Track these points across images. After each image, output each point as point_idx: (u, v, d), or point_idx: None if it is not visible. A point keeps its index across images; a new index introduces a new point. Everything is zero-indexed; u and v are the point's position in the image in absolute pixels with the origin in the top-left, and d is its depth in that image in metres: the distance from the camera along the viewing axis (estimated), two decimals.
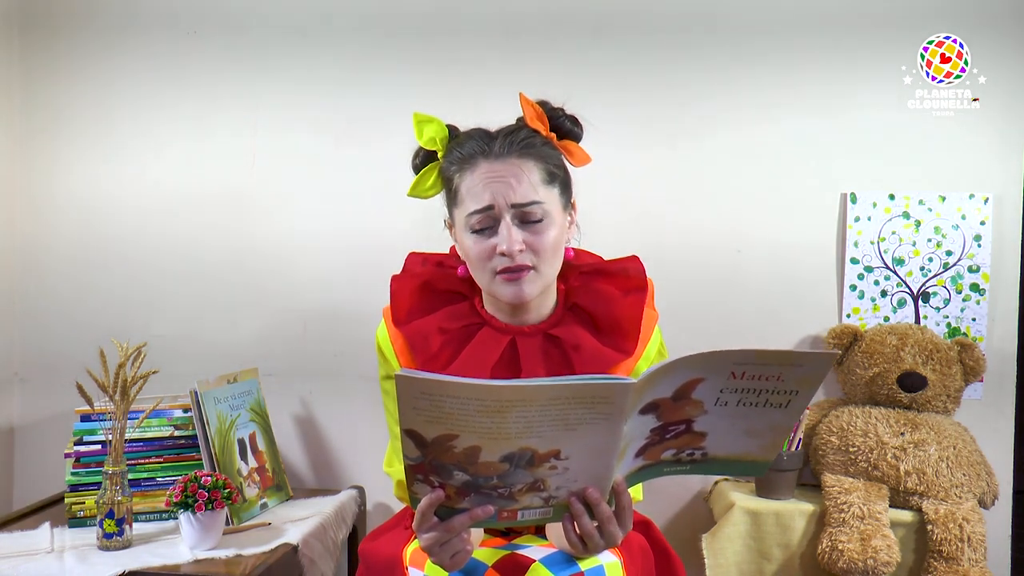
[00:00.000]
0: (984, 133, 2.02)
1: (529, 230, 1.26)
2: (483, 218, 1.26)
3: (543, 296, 1.34)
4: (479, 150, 1.28)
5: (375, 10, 2.13)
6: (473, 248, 1.28)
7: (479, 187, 1.26)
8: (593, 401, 0.96)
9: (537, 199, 1.26)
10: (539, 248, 1.27)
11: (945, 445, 1.82)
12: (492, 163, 1.27)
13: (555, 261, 1.30)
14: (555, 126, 1.35)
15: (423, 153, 1.38)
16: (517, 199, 1.25)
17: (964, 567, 1.70)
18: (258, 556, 1.61)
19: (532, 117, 1.33)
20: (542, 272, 1.28)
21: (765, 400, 1.04)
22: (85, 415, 1.81)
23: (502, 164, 1.27)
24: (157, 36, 2.18)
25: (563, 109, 1.37)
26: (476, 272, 1.30)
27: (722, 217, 2.08)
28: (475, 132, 1.33)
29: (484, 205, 1.26)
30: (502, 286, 1.27)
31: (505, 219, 1.25)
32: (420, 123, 1.36)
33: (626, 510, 1.11)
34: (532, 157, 1.28)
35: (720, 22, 2.07)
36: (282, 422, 2.16)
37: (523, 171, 1.27)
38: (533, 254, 1.27)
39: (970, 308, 2.03)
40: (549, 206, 1.28)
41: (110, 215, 2.21)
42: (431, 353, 1.31)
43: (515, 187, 1.25)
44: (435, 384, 0.93)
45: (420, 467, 1.01)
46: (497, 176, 1.26)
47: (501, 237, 1.25)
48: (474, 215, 1.27)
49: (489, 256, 1.27)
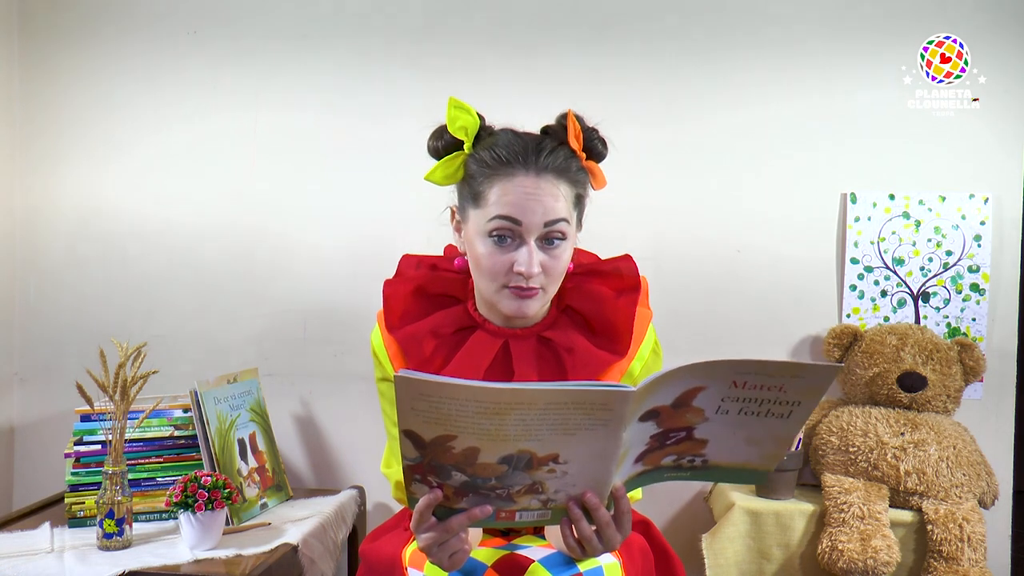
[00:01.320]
0: (984, 133, 2.02)
1: (548, 252, 1.26)
2: (506, 229, 1.25)
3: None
4: (518, 160, 1.25)
5: (375, 10, 2.13)
6: (487, 257, 1.26)
7: (514, 199, 1.24)
8: (592, 407, 0.96)
9: (566, 218, 1.26)
10: (552, 271, 1.27)
11: (945, 445, 1.82)
12: (532, 178, 1.25)
13: (560, 281, 1.31)
14: (587, 147, 1.33)
15: (447, 139, 1.33)
16: (550, 217, 1.24)
17: (964, 567, 1.70)
18: (258, 556, 1.61)
19: (573, 135, 1.30)
20: (548, 292, 1.29)
21: (767, 410, 1.03)
22: (85, 415, 1.81)
23: (541, 181, 1.25)
24: (157, 36, 2.18)
25: (598, 131, 1.35)
26: (482, 279, 1.29)
27: (722, 217, 2.08)
28: (511, 135, 1.30)
29: (513, 217, 1.24)
30: (508, 300, 1.27)
31: (531, 241, 1.24)
32: (455, 108, 1.31)
33: (625, 515, 1.10)
34: (568, 180, 1.27)
35: (720, 22, 2.07)
36: (282, 422, 2.16)
37: (559, 192, 1.26)
38: (546, 277, 1.27)
39: (970, 308, 2.03)
40: (570, 228, 1.28)
41: (110, 215, 2.21)
42: (424, 357, 1.31)
43: (551, 207, 1.24)
44: (434, 385, 0.93)
45: (418, 467, 1.01)
46: (534, 193, 1.24)
47: (522, 258, 1.24)
48: (497, 221, 1.24)
49: (503, 271, 1.26)
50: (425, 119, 1.39)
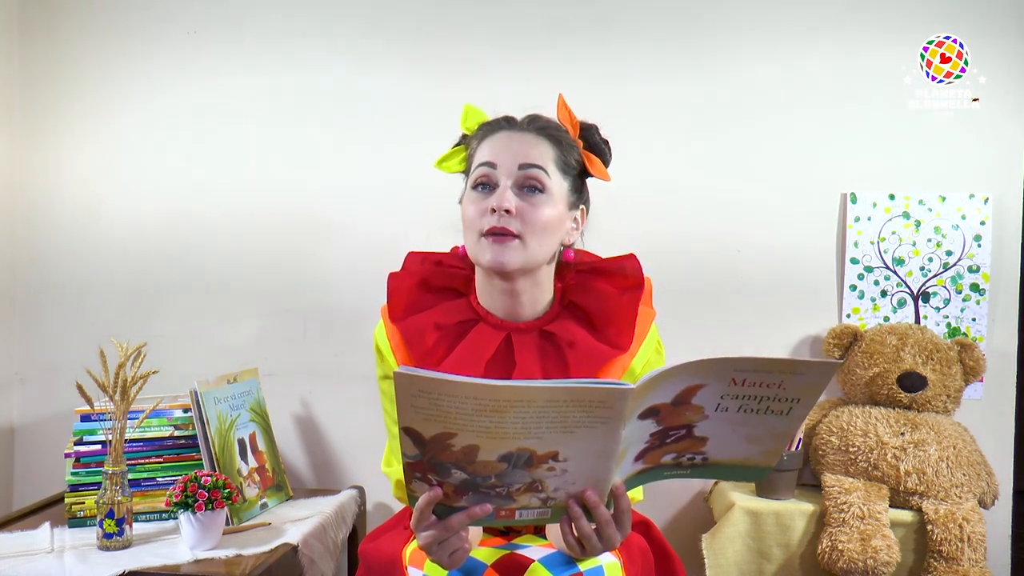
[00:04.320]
0: (984, 133, 2.02)
1: (526, 199, 1.28)
2: (484, 173, 1.29)
3: (538, 291, 1.34)
4: (503, 124, 1.34)
5: (375, 10, 2.13)
6: (469, 208, 1.31)
7: (490, 148, 1.31)
8: (591, 405, 0.96)
9: (542, 166, 1.29)
10: (530, 219, 1.27)
11: (945, 445, 1.81)
12: (511, 132, 1.32)
13: (544, 240, 1.29)
14: (584, 136, 1.38)
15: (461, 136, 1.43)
16: (522, 160, 1.28)
17: (964, 567, 1.70)
18: (258, 556, 1.61)
19: (564, 117, 1.37)
20: (528, 245, 1.27)
21: (766, 407, 1.03)
22: (85, 415, 1.81)
23: (519, 134, 1.32)
24: (157, 36, 2.19)
25: (598, 128, 1.41)
26: (467, 236, 1.32)
27: (722, 217, 2.08)
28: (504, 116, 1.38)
29: (488, 161, 1.29)
30: (485, 248, 1.27)
31: (505, 182, 1.28)
32: (468, 113, 1.40)
33: (625, 513, 1.10)
34: (549, 138, 1.32)
35: (720, 22, 2.07)
36: (282, 422, 2.16)
37: (537, 142, 1.31)
38: (522, 223, 1.27)
39: (970, 308, 2.03)
40: (553, 186, 1.30)
41: (110, 215, 2.21)
42: (426, 348, 1.32)
43: (525, 152, 1.29)
44: (433, 382, 0.93)
45: (418, 465, 1.01)
46: (511, 142, 1.30)
47: (495, 195, 1.28)
48: (477, 169, 1.30)
49: (481, 214, 1.28)
50: (429, 119, 1.40)
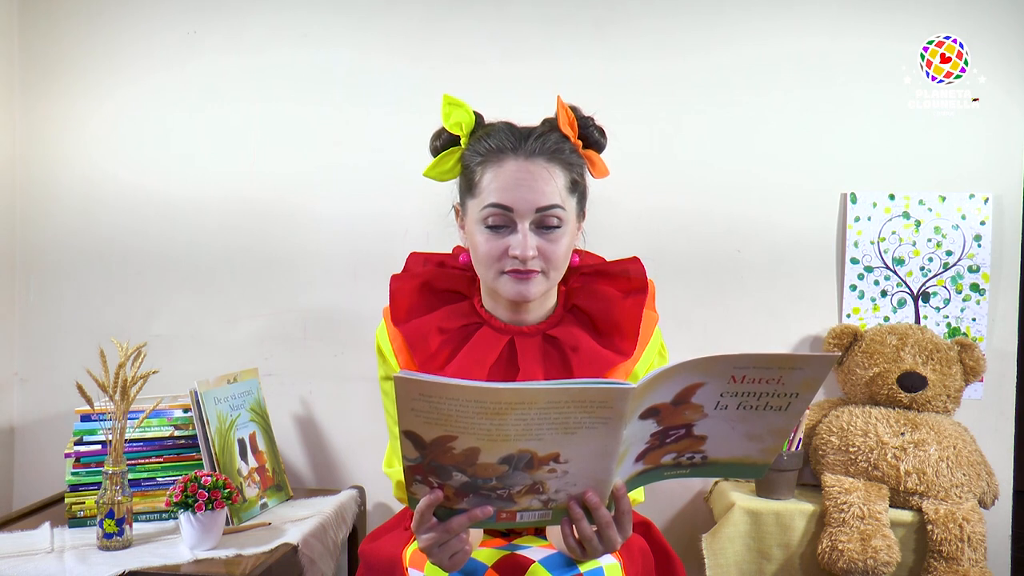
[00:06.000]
0: (984, 133, 2.02)
1: (545, 237, 1.26)
2: (500, 216, 1.26)
3: (543, 297, 1.34)
4: (508, 146, 1.27)
5: (375, 10, 2.13)
6: (483, 245, 1.27)
7: (503, 184, 1.25)
8: (592, 406, 0.96)
9: (559, 204, 1.26)
10: (551, 256, 1.27)
11: (945, 445, 1.81)
12: (520, 162, 1.26)
13: (563, 268, 1.31)
14: (583, 135, 1.34)
15: (445, 136, 1.35)
16: (541, 203, 1.25)
17: (964, 567, 1.70)
18: (258, 556, 1.61)
19: (565, 122, 1.31)
20: (550, 277, 1.29)
21: (765, 403, 1.04)
22: (85, 415, 1.81)
23: (531, 165, 1.26)
24: (156, 35, 2.18)
25: (593, 119, 1.36)
26: (481, 267, 1.30)
27: (722, 217, 2.08)
28: (504, 126, 1.31)
29: (505, 204, 1.25)
30: (507, 284, 1.27)
31: (523, 224, 1.25)
32: (449, 105, 1.33)
33: (626, 515, 1.10)
34: (560, 164, 1.28)
35: (719, 21, 2.07)
36: (282, 422, 2.16)
37: (551, 176, 1.26)
38: (544, 261, 1.27)
39: (970, 308, 2.03)
40: (567, 214, 1.28)
41: (110, 215, 2.21)
42: (429, 352, 1.31)
43: (541, 191, 1.25)
44: (434, 386, 0.93)
45: (419, 468, 1.01)
46: (524, 177, 1.25)
47: (516, 241, 1.25)
48: (490, 208, 1.26)
49: (499, 256, 1.26)
50: (427, 117, 1.39)
